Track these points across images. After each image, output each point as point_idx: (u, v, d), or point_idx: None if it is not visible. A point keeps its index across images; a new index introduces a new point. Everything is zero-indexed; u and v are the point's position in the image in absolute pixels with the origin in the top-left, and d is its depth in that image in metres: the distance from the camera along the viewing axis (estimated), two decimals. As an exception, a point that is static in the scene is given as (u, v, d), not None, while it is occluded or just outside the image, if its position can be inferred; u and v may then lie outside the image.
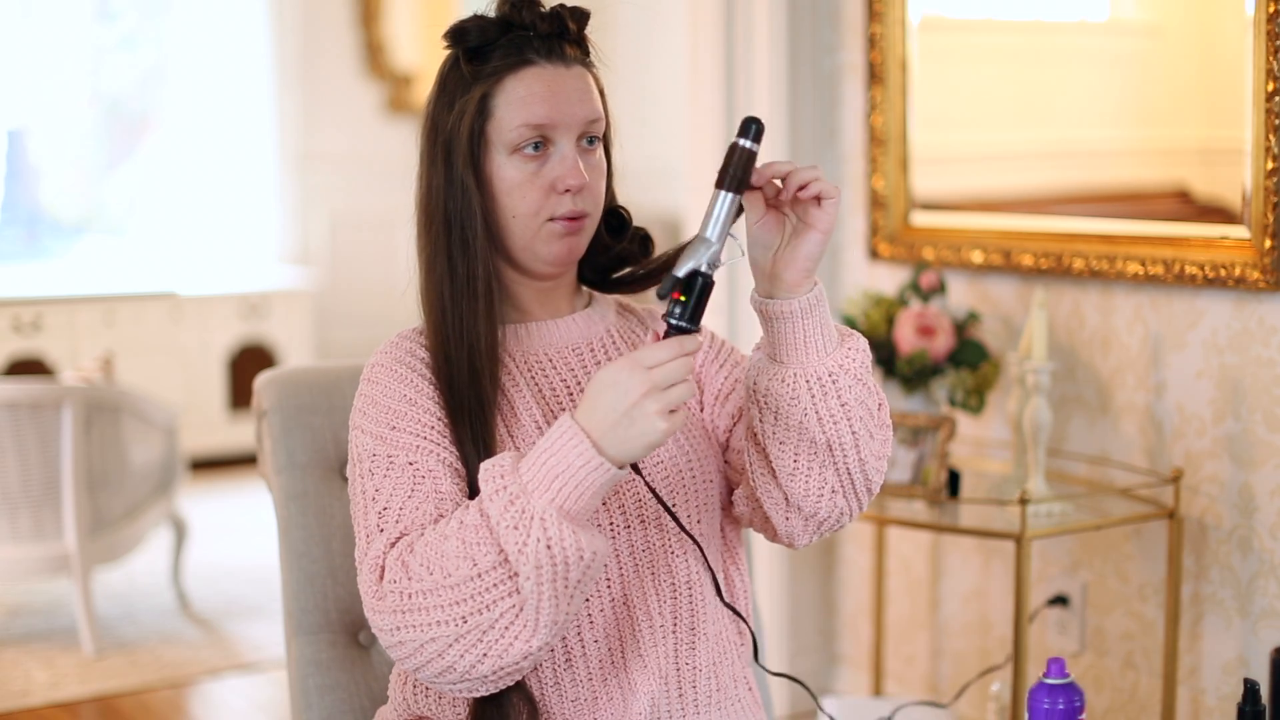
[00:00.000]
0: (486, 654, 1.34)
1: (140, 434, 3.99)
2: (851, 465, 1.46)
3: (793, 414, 1.42)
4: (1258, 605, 2.37)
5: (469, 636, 1.34)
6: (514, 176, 1.49)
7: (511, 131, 1.48)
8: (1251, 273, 2.31)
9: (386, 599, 1.37)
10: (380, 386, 1.50)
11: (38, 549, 3.77)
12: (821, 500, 1.47)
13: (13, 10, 6.15)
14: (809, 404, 1.42)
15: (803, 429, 1.43)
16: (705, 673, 1.53)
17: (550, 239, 1.50)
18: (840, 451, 1.44)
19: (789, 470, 1.46)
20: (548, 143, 1.49)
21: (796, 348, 1.42)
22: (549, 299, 1.58)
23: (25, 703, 3.51)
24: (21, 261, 6.31)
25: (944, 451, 2.52)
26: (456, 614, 1.33)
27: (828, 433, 1.43)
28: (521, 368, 1.55)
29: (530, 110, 1.47)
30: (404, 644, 1.36)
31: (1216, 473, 2.43)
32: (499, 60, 1.49)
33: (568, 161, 1.49)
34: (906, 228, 2.96)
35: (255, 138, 6.53)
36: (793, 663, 3.21)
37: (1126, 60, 2.63)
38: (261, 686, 3.66)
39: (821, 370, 1.42)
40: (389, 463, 1.45)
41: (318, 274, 6.60)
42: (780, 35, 3.08)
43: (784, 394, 1.42)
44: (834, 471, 1.46)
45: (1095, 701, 2.67)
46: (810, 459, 1.45)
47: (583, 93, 1.50)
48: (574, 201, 1.49)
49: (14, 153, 6.31)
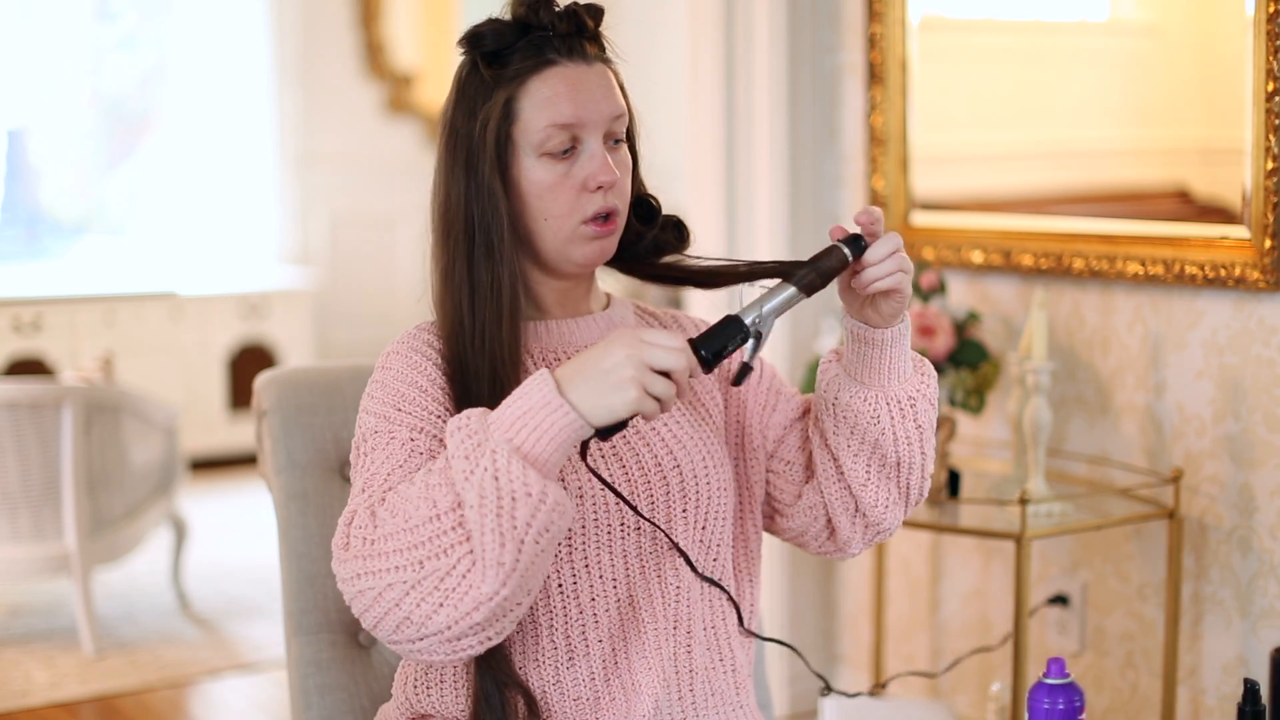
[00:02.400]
0: (443, 603, 1.31)
1: (140, 434, 3.99)
2: (914, 481, 1.57)
3: (870, 431, 1.53)
4: (1258, 605, 2.37)
5: (426, 583, 1.31)
6: (544, 178, 1.48)
7: (539, 133, 1.47)
8: (1251, 273, 2.31)
9: (351, 547, 1.36)
10: (392, 372, 1.50)
11: (38, 549, 3.77)
12: (887, 510, 1.57)
13: (13, 10, 6.15)
14: (888, 424, 1.52)
15: (878, 445, 1.53)
16: (701, 676, 1.53)
17: (583, 242, 1.50)
18: (907, 469, 1.55)
19: (861, 481, 1.55)
20: (576, 142, 1.49)
21: (882, 372, 1.52)
22: (569, 297, 1.57)
23: (25, 703, 3.51)
24: (21, 261, 6.31)
25: (944, 451, 2.52)
26: (414, 558, 1.31)
27: (900, 451, 1.54)
28: (539, 364, 1.54)
29: (557, 110, 1.47)
30: (363, 594, 1.34)
31: (1216, 473, 2.43)
32: (520, 62, 1.48)
33: (597, 159, 1.48)
34: (906, 228, 2.96)
35: (255, 138, 6.53)
36: (793, 662, 3.21)
37: (1126, 60, 2.63)
38: (261, 686, 3.66)
39: (902, 394, 1.52)
40: (389, 437, 1.44)
41: (318, 274, 6.60)
42: (780, 35, 3.08)
43: (865, 412, 1.52)
44: (897, 485, 1.57)
45: (1095, 701, 2.67)
46: (880, 471, 1.55)
47: (606, 89, 1.50)
48: (605, 199, 1.49)
49: (14, 153, 6.31)
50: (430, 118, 6.68)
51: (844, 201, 3.15)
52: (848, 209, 3.13)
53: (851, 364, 1.53)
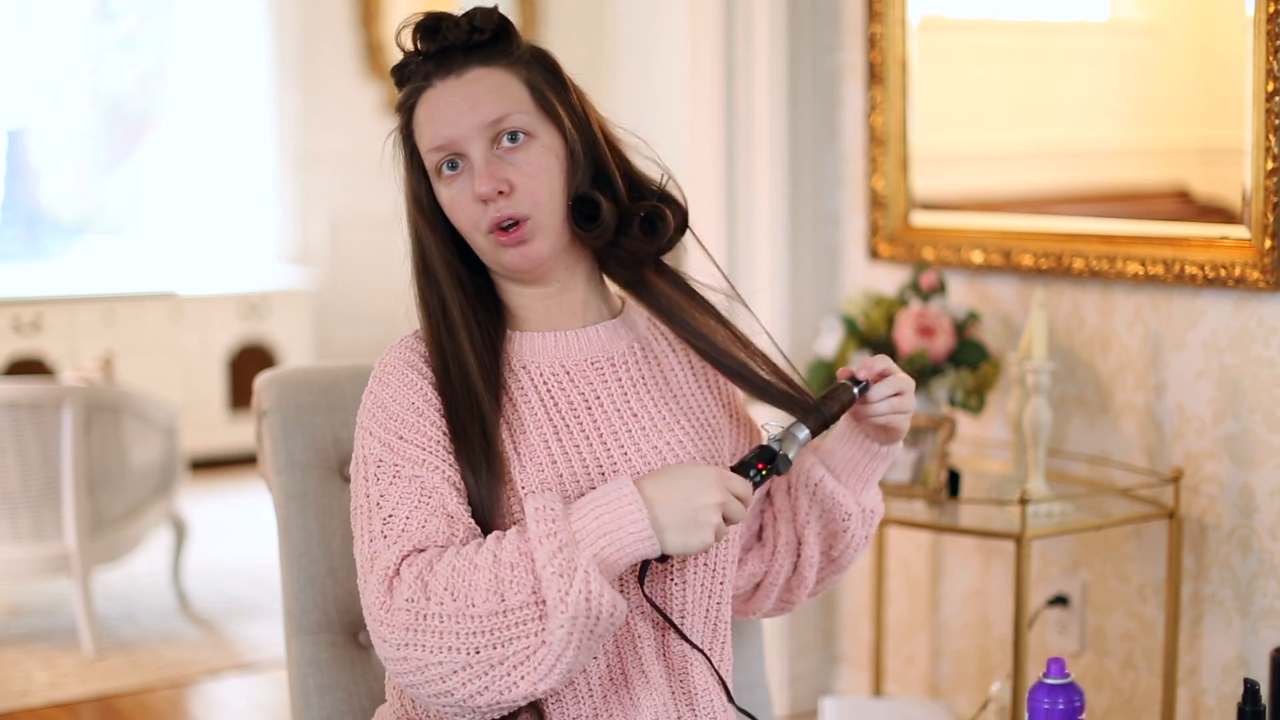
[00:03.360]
0: (489, 687, 1.34)
1: (140, 434, 3.99)
2: (832, 579, 1.68)
3: (831, 525, 1.62)
4: (1258, 605, 2.37)
5: (476, 667, 1.34)
6: (447, 198, 1.49)
7: (426, 157, 1.49)
8: (1251, 273, 2.31)
9: (397, 614, 1.36)
10: (390, 390, 1.49)
11: (38, 549, 3.77)
12: (802, 593, 1.66)
13: (13, 10, 6.15)
14: (856, 528, 1.62)
15: (835, 539, 1.62)
16: (703, 697, 1.52)
17: (499, 251, 1.48)
18: (839, 568, 1.66)
19: (811, 562, 1.63)
20: (463, 156, 1.47)
21: (863, 480, 1.62)
22: (557, 307, 1.54)
23: (25, 703, 3.51)
24: (21, 261, 6.31)
25: (944, 451, 2.52)
26: (471, 644, 1.33)
27: (847, 553, 1.64)
28: (536, 380, 1.51)
29: (429, 133, 1.48)
30: (407, 660, 1.35)
31: (1216, 473, 2.43)
32: (406, 92, 1.52)
33: (475, 170, 1.46)
34: (906, 228, 2.96)
35: (255, 138, 6.53)
36: (793, 662, 3.21)
37: (1126, 60, 2.63)
38: (261, 686, 3.66)
39: (869, 505, 1.63)
40: (395, 471, 1.44)
41: (318, 274, 6.60)
42: (780, 35, 3.08)
43: (839, 507, 1.61)
44: (823, 576, 1.66)
45: (1095, 701, 2.67)
46: (824, 560, 1.64)
47: (475, 97, 1.47)
48: (499, 208, 1.46)
49: (14, 153, 6.31)
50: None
51: (844, 201, 3.15)
52: (848, 209, 3.13)
53: (836, 460, 1.61)
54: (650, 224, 1.52)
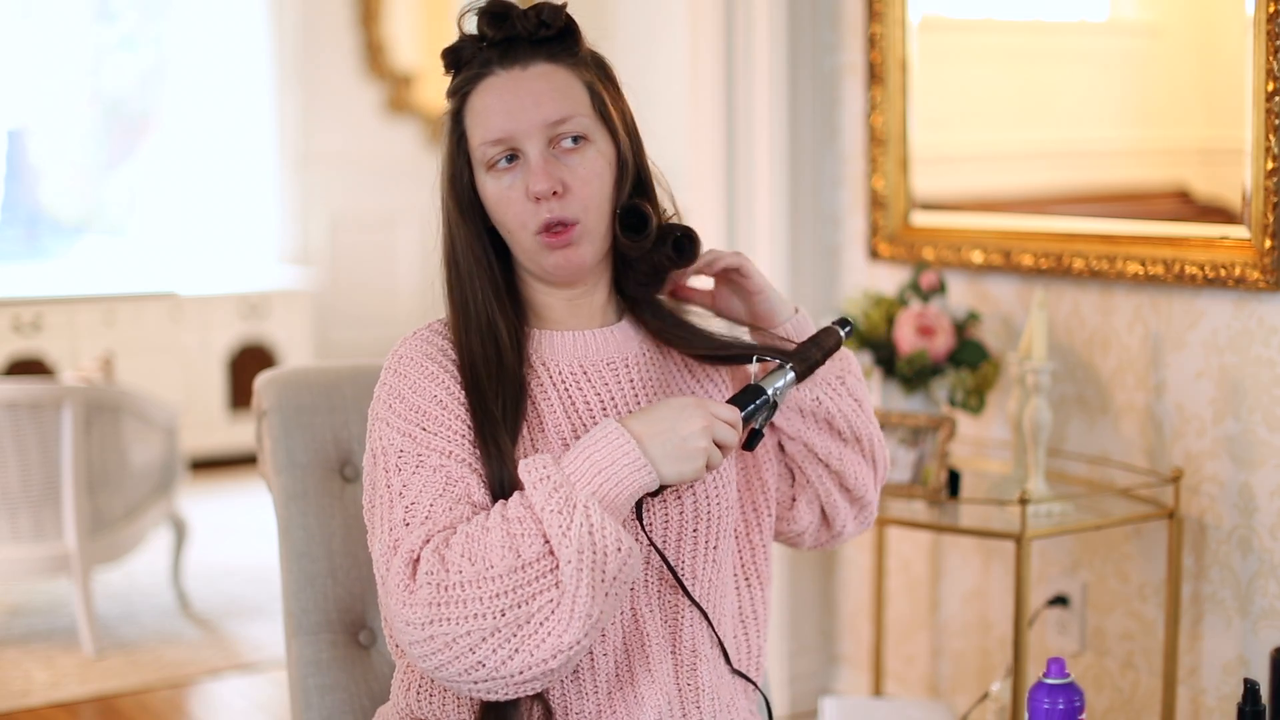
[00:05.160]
0: (519, 649, 1.33)
1: (140, 434, 3.99)
2: (877, 452, 1.65)
3: (818, 412, 1.61)
4: (1258, 605, 2.37)
5: (505, 630, 1.33)
6: (494, 192, 1.47)
7: (479, 149, 1.47)
8: (1251, 273, 2.31)
9: (420, 592, 1.35)
10: (409, 381, 1.48)
11: (38, 549, 3.77)
12: (866, 484, 1.65)
13: (13, 10, 6.15)
14: (830, 402, 1.61)
15: (831, 421, 1.61)
16: (708, 693, 1.52)
17: (543, 252, 1.47)
18: (866, 439, 1.64)
19: (836, 455, 1.62)
20: (518, 152, 1.46)
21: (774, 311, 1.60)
22: (581, 307, 1.55)
23: (25, 703, 3.51)
24: (21, 261, 6.31)
25: (944, 451, 2.52)
26: (496, 606, 1.33)
27: (850, 421, 1.62)
28: (555, 378, 1.52)
29: (488, 125, 1.45)
30: (434, 639, 1.34)
31: (1216, 473, 2.43)
32: (463, 78, 1.48)
33: (531, 168, 1.45)
34: (906, 228, 2.96)
35: (255, 138, 6.53)
36: (793, 662, 3.21)
37: (1126, 60, 2.63)
38: (261, 686, 3.66)
39: (829, 374, 1.61)
40: (418, 461, 1.43)
41: (318, 274, 6.60)
42: (780, 35, 3.08)
43: (805, 399, 1.60)
44: (862, 455, 1.64)
45: (1095, 701, 2.67)
46: (842, 444, 1.62)
47: (542, 94, 1.46)
48: (551, 209, 1.44)
49: (14, 153, 6.31)
50: (430, 118, 6.68)
51: (844, 201, 3.15)
52: (848, 209, 3.13)
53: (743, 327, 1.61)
54: (679, 245, 1.54)
